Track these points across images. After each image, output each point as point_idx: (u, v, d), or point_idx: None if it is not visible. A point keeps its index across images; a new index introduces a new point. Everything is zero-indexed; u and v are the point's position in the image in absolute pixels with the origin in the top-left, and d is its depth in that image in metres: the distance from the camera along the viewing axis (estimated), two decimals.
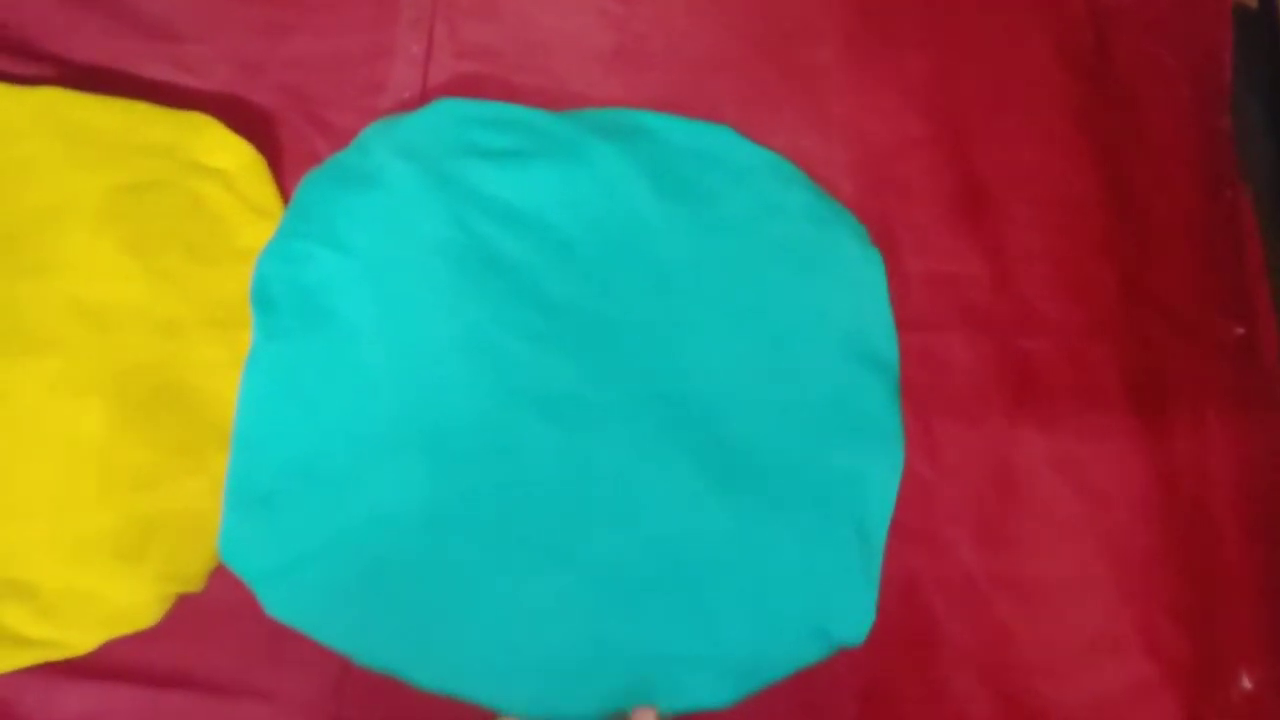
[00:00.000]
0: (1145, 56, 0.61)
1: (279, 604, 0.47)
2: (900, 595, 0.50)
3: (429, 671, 0.47)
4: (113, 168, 0.52)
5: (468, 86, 0.58)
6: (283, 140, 0.56)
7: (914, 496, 0.51)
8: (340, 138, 0.56)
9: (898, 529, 0.50)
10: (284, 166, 0.56)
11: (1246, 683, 0.50)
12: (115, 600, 0.47)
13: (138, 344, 0.49)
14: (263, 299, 0.50)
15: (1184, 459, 0.53)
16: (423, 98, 0.57)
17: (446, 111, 0.54)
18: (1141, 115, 0.60)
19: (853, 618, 0.48)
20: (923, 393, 0.53)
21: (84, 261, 0.50)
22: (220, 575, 0.48)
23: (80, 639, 0.46)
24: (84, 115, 0.53)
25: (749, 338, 0.51)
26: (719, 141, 0.55)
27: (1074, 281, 0.56)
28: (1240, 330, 0.55)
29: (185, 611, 0.48)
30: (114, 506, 0.47)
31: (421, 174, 0.52)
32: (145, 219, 0.51)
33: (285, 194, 0.55)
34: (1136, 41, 0.61)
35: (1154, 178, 0.59)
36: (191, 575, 0.48)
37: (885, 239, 0.55)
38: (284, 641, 0.48)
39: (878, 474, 0.50)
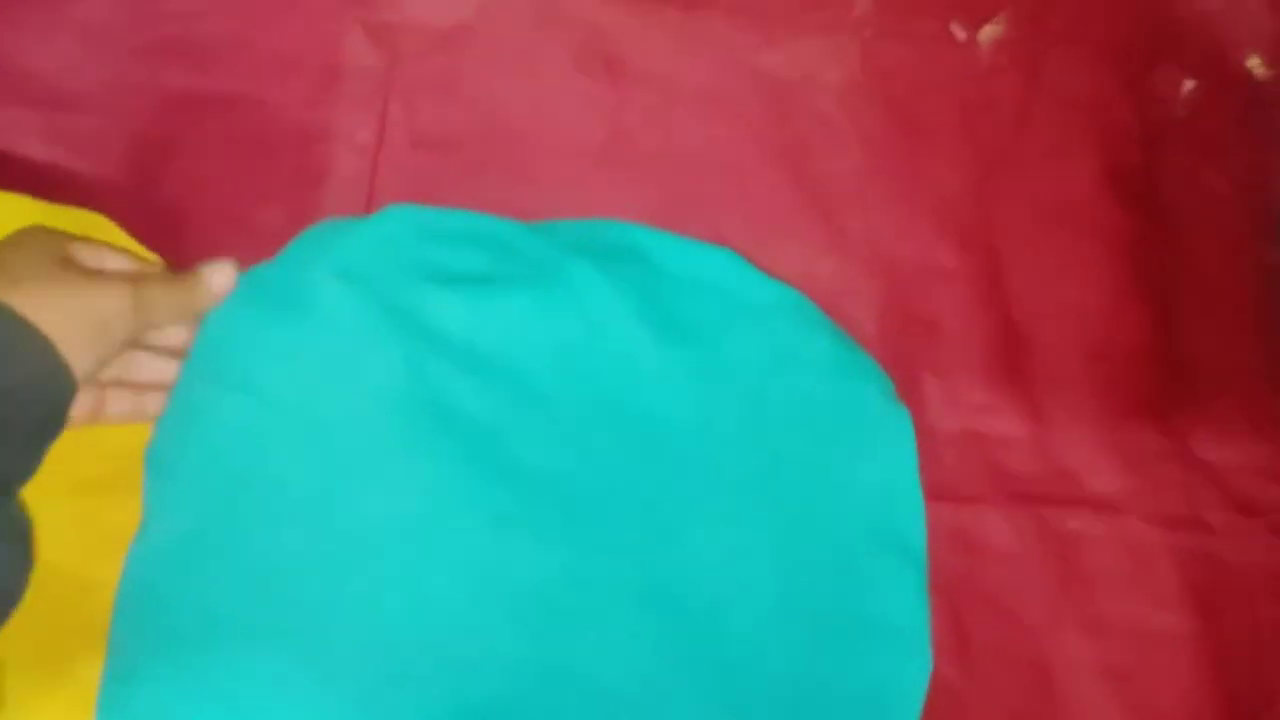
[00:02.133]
0: (1196, 179, 0.54)
1: None
2: None
3: None
4: None
5: (425, 184, 0.48)
6: (190, 244, 0.46)
7: (942, 708, 0.43)
8: (264, 242, 0.45)
9: None
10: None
11: None
12: None
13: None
14: (158, 461, 0.40)
15: (1244, 669, 0.46)
16: (370, 196, 0.48)
17: (399, 221, 0.44)
18: (1190, 245, 0.54)
19: None
20: (953, 579, 0.45)
21: None
22: None
23: None
24: None
25: (759, 521, 0.43)
26: (724, 270, 0.46)
27: (1121, 447, 0.49)
28: None
29: None
30: None
31: (366, 303, 0.42)
32: None
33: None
34: (1188, 162, 0.54)
35: (1204, 321, 0.52)
36: None
37: (911, 389, 0.48)
38: None
39: (902, 687, 0.42)
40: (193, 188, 0.47)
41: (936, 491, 0.46)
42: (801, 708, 0.41)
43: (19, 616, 0.37)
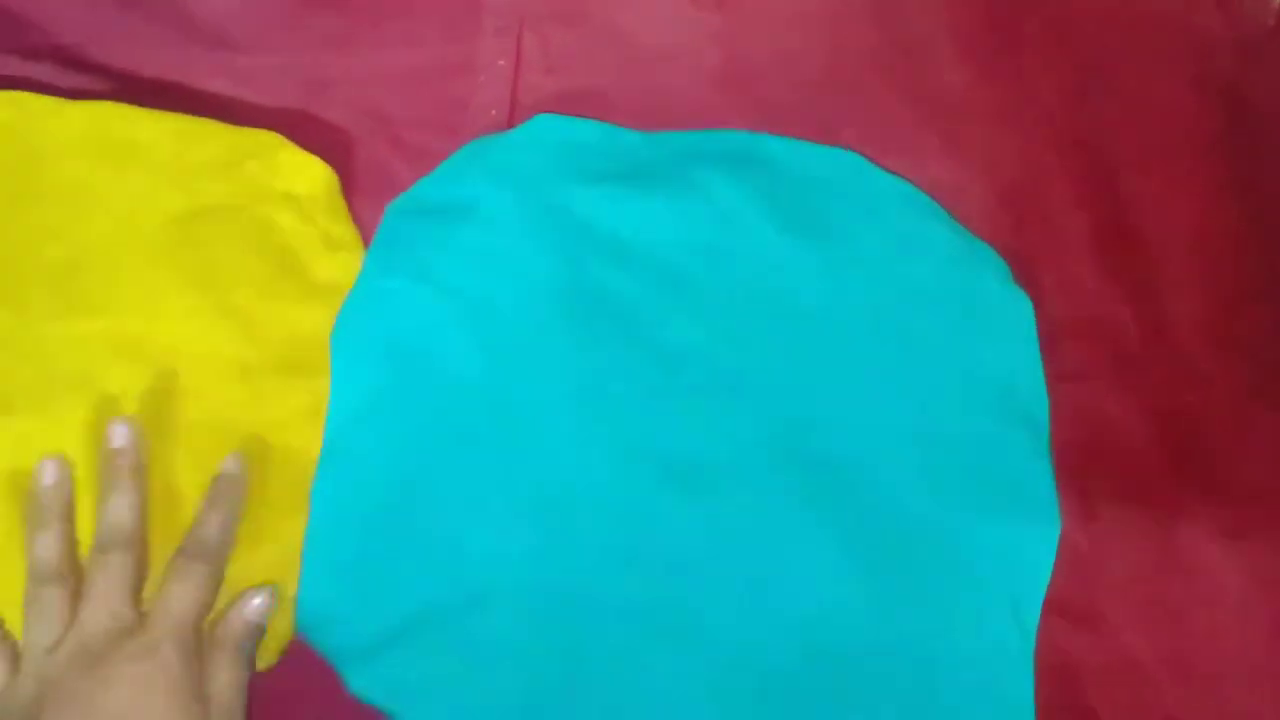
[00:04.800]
0: None
1: (364, 683, 0.41)
2: (1056, 681, 0.44)
3: None
4: (172, 191, 0.47)
5: (561, 105, 0.52)
6: (356, 163, 0.51)
7: (1071, 571, 0.45)
8: (422, 161, 0.50)
9: (1053, 607, 0.45)
10: (358, 193, 0.50)
11: None
12: None
13: (202, 393, 0.44)
14: (344, 342, 0.44)
15: None
16: (512, 117, 0.52)
17: (546, 131, 0.49)
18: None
19: (1008, 707, 0.42)
20: (1076, 453, 0.47)
21: (143, 298, 0.44)
22: (296, 651, 0.42)
23: None
24: (138, 132, 0.48)
25: (890, 392, 0.46)
26: (845, 169, 0.50)
27: (1231, 332, 0.50)
28: None
29: (255, 691, 0.42)
30: None
31: (522, 203, 0.46)
32: (209, 250, 0.46)
33: (360, 223, 0.49)
34: (1277, 71, 0.56)
35: None
36: (263, 651, 0.42)
37: (1028, 280, 0.50)
38: None
39: (1032, 546, 0.45)
40: (356, 114, 0.51)
41: (1056, 375, 0.48)
42: (939, 560, 0.43)
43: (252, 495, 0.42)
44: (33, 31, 0.52)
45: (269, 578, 0.42)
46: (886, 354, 0.46)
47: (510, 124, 0.52)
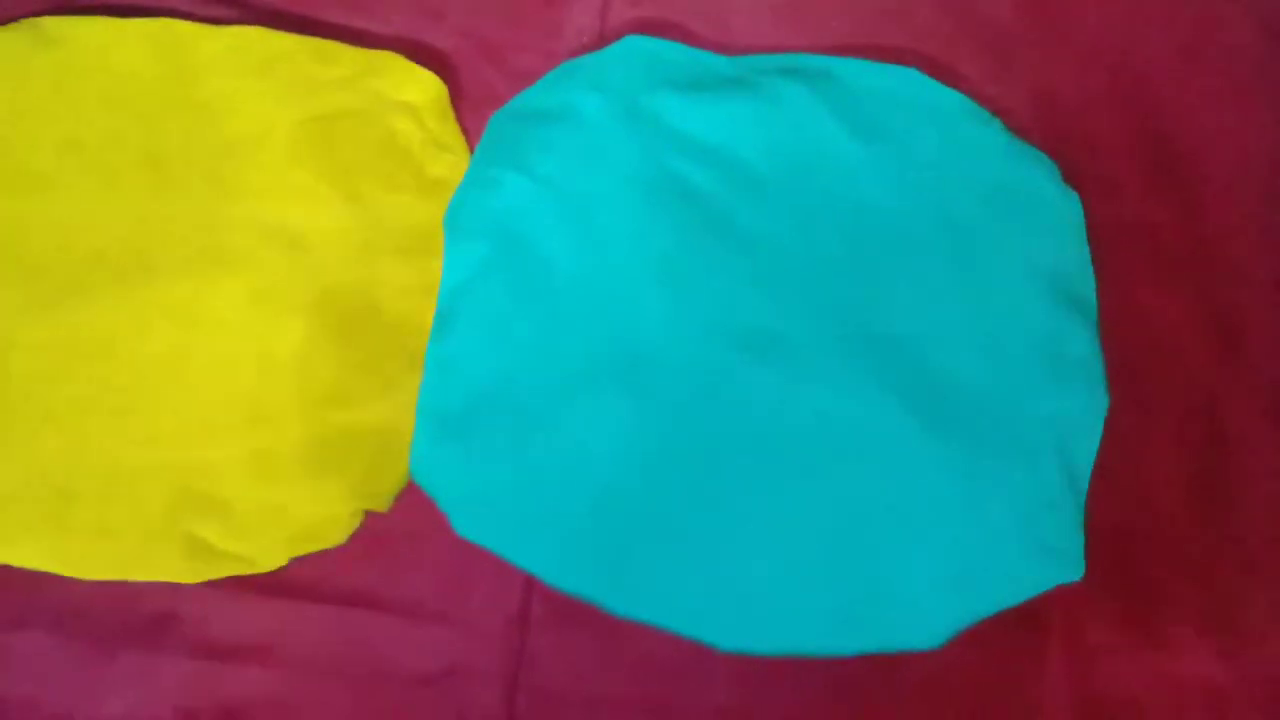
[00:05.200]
0: None
1: (469, 525, 0.46)
2: (1108, 544, 0.48)
3: (623, 598, 0.45)
4: (305, 100, 0.53)
5: (642, 31, 0.58)
6: (462, 80, 0.56)
7: (1120, 441, 0.49)
8: (520, 79, 0.56)
9: (1103, 475, 0.48)
10: (464, 105, 0.56)
11: None
12: (304, 517, 0.46)
13: (333, 267, 0.49)
14: (455, 225, 0.50)
15: None
16: (600, 42, 0.58)
17: (635, 49, 0.54)
18: None
19: (1064, 556, 0.46)
20: (1123, 339, 0.51)
21: (280, 188, 0.51)
22: (408, 496, 0.48)
23: (268, 555, 0.46)
24: (275, 52, 0.54)
25: (949, 276, 0.50)
26: (906, 83, 0.54)
27: (1275, 243, 0.53)
28: None
29: (371, 532, 0.48)
30: (307, 423, 0.47)
31: (613, 107, 0.52)
32: (338, 148, 0.52)
33: (466, 131, 0.55)
34: None
35: None
36: (380, 494, 0.47)
37: (1075, 186, 0.54)
38: (469, 565, 0.47)
39: (1083, 416, 0.48)
40: (461, 39, 0.57)
41: (1102, 269, 0.52)
42: (996, 426, 0.47)
43: (364, 338, 0.48)
44: None
45: (388, 429, 0.47)
46: (945, 243, 0.50)
47: (598, 48, 0.57)
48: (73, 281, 0.48)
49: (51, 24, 0.54)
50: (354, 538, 0.47)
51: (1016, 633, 0.47)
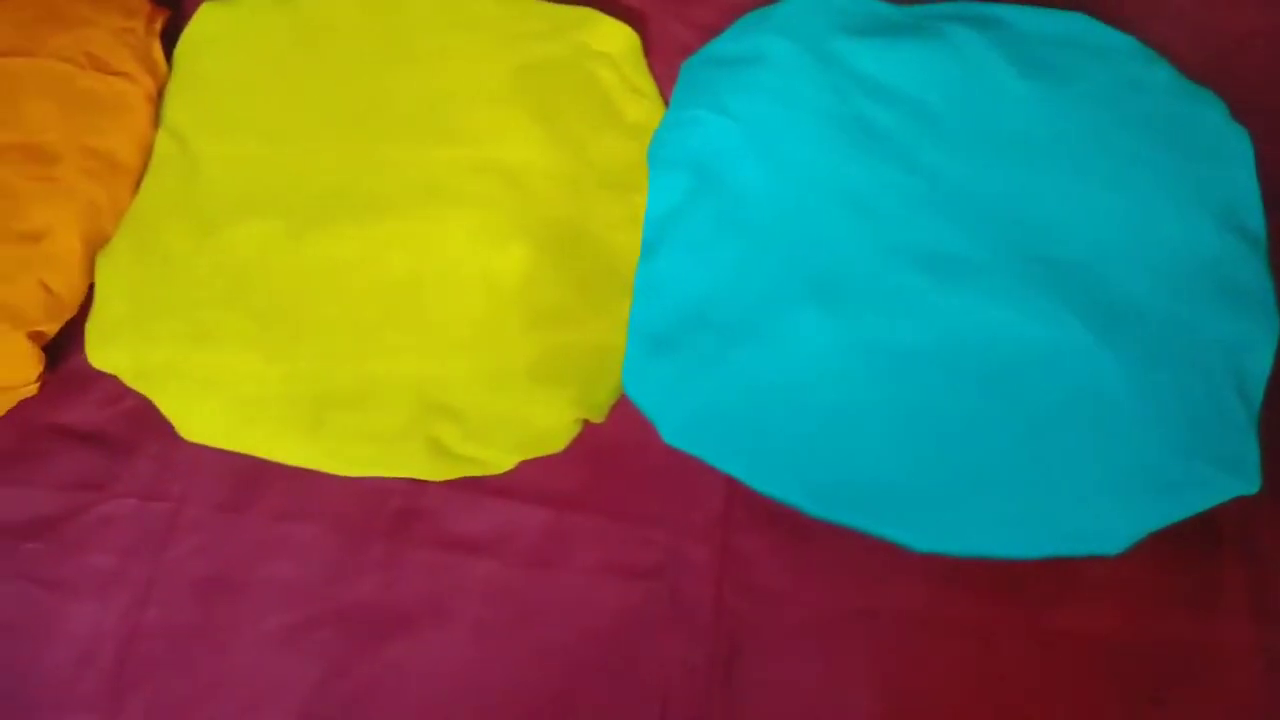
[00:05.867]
0: None
1: (676, 434, 0.50)
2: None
3: (820, 501, 0.49)
4: (513, 51, 0.58)
5: None
6: (651, 33, 0.61)
7: None
8: (701, 30, 0.60)
9: (1277, 395, 0.50)
10: (653, 55, 0.60)
11: None
12: (531, 424, 0.51)
13: (548, 200, 0.54)
14: (659, 160, 0.54)
15: None
16: None
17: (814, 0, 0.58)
18: None
19: (1240, 468, 0.48)
20: None
21: (496, 129, 0.56)
22: (621, 407, 0.52)
23: (499, 459, 0.51)
24: (484, 8, 0.59)
25: (1121, 205, 0.52)
26: (1074, 26, 0.57)
27: None
28: None
29: (589, 440, 0.52)
30: (533, 340, 0.52)
31: (800, 51, 0.56)
32: (547, 94, 0.57)
33: (656, 77, 0.59)
34: None
35: None
36: (597, 405, 0.52)
37: (1243, 122, 0.56)
38: (676, 471, 0.52)
39: (1256, 337, 0.51)
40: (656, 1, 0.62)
41: (1270, 203, 0.54)
42: (1171, 344, 0.50)
43: (579, 263, 0.53)
44: None
45: (603, 346, 0.52)
46: (1116, 174, 0.53)
47: (773, 2, 0.61)
48: (317, 215, 0.54)
49: None
50: (573, 445, 0.52)
51: (1193, 542, 0.50)
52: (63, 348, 0.54)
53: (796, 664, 0.48)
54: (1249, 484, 0.48)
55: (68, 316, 0.53)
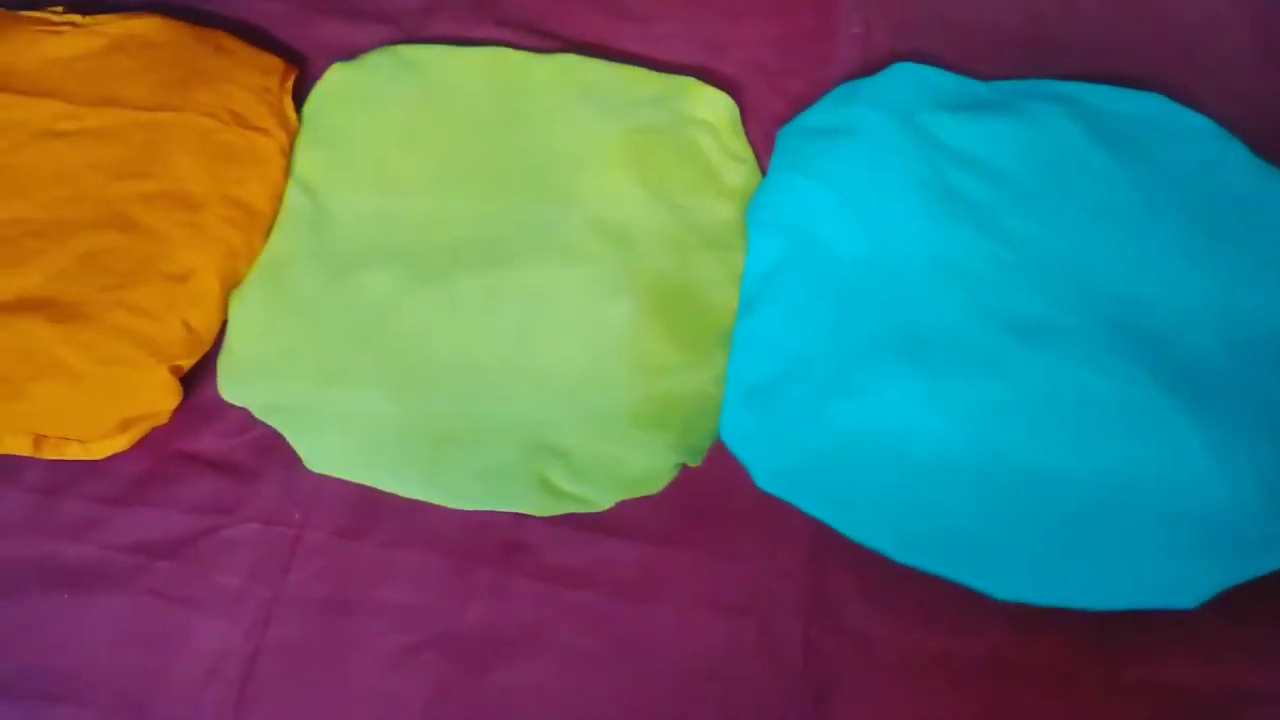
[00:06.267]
0: None
1: (769, 480, 0.54)
2: None
3: (907, 547, 0.52)
4: (623, 117, 0.62)
5: (901, 62, 0.65)
6: (747, 102, 0.65)
7: None
8: (797, 101, 0.64)
9: None
10: (750, 122, 0.64)
11: None
12: (632, 466, 0.54)
13: (653, 258, 0.58)
14: (757, 223, 0.58)
15: None
16: (863, 71, 0.65)
17: (904, 74, 0.62)
18: None
19: None
20: None
21: (606, 190, 0.60)
22: (715, 452, 0.55)
23: (601, 497, 0.54)
24: (593, 76, 0.64)
25: (1197, 276, 0.56)
26: (1151, 106, 0.61)
27: None
28: None
29: (685, 482, 0.55)
30: (636, 387, 0.55)
31: (891, 123, 0.59)
32: (653, 158, 0.61)
33: (752, 144, 0.63)
34: None
35: None
36: (694, 450, 0.55)
37: None
38: (767, 514, 0.54)
39: None
40: (744, 68, 0.66)
41: None
42: (1244, 409, 0.52)
43: (681, 318, 0.57)
44: (503, 7, 0.69)
45: (702, 395, 0.55)
46: (1193, 247, 0.56)
47: (863, 77, 0.65)
48: (438, 265, 0.58)
49: (407, 51, 0.65)
50: (670, 486, 0.55)
51: (1263, 599, 0.52)
52: (193, 380, 0.58)
53: (883, 705, 0.51)
54: None
55: (203, 352, 0.57)
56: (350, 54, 0.67)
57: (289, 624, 0.53)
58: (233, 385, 0.57)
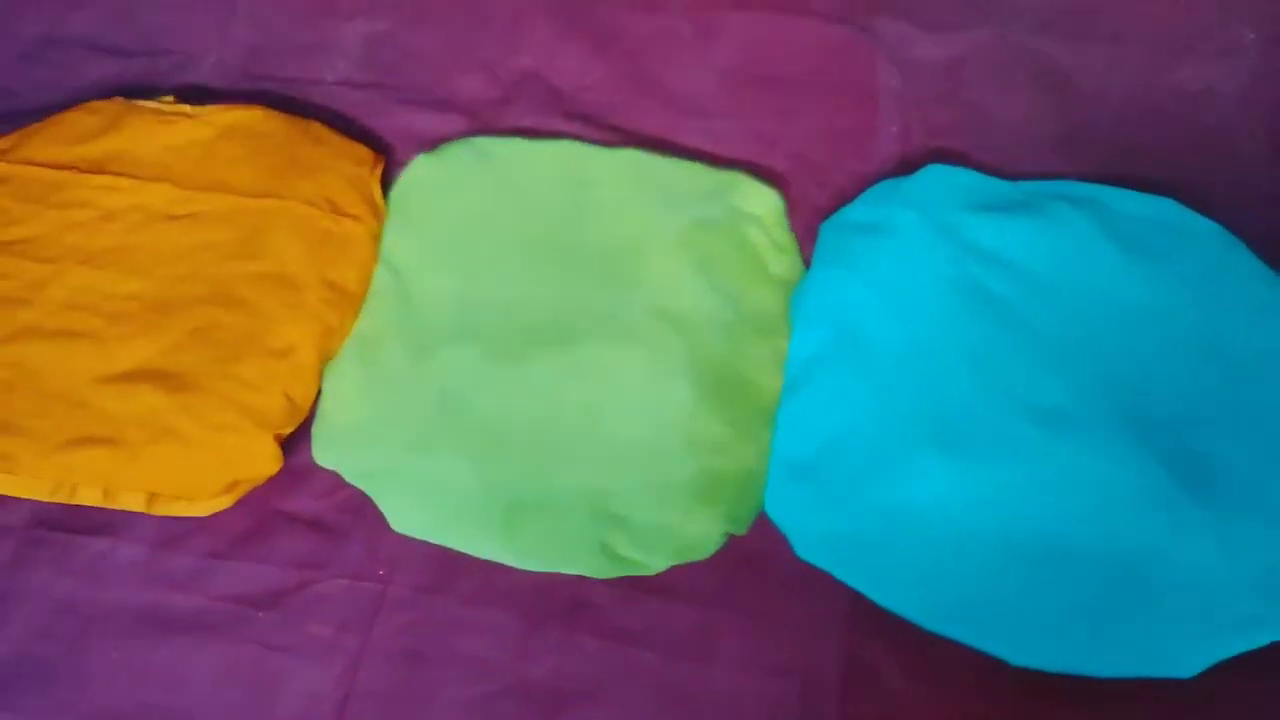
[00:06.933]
0: None
1: (809, 550, 0.59)
2: None
3: (935, 616, 0.57)
4: (680, 209, 0.68)
5: (936, 159, 0.71)
6: (792, 195, 0.71)
7: None
8: (838, 196, 0.70)
9: None
10: (794, 215, 0.70)
11: None
12: (687, 535, 0.60)
13: (708, 343, 0.64)
14: (801, 312, 0.64)
15: None
16: (901, 168, 0.71)
17: (937, 175, 0.68)
18: None
19: None
20: None
21: (666, 278, 0.66)
22: (760, 523, 0.61)
23: (656, 562, 0.60)
24: (656, 170, 0.70)
25: (1203, 370, 0.61)
26: (1165, 210, 0.66)
27: None
28: None
29: (732, 550, 0.61)
30: (691, 463, 0.61)
31: (924, 222, 0.65)
32: (707, 248, 0.67)
33: (797, 236, 0.69)
34: None
35: None
36: (742, 520, 0.61)
37: None
38: (806, 581, 0.60)
39: None
40: (792, 162, 0.72)
41: None
42: (1249, 495, 0.58)
43: (732, 399, 0.62)
44: (567, 101, 0.76)
45: (750, 471, 0.61)
46: (1203, 345, 0.61)
47: (900, 172, 0.71)
48: (514, 344, 0.64)
49: (484, 143, 0.71)
50: (719, 553, 0.61)
51: (1258, 671, 0.57)
52: (289, 444, 0.64)
53: None
54: None
55: (301, 421, 0.63)
56: (430, 143, 0.73)
57: (376, 672, 0.58)
58: (326, 451, 0.63)
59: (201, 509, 0.61)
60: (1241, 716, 0.57)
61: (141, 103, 0.72)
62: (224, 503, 0.61)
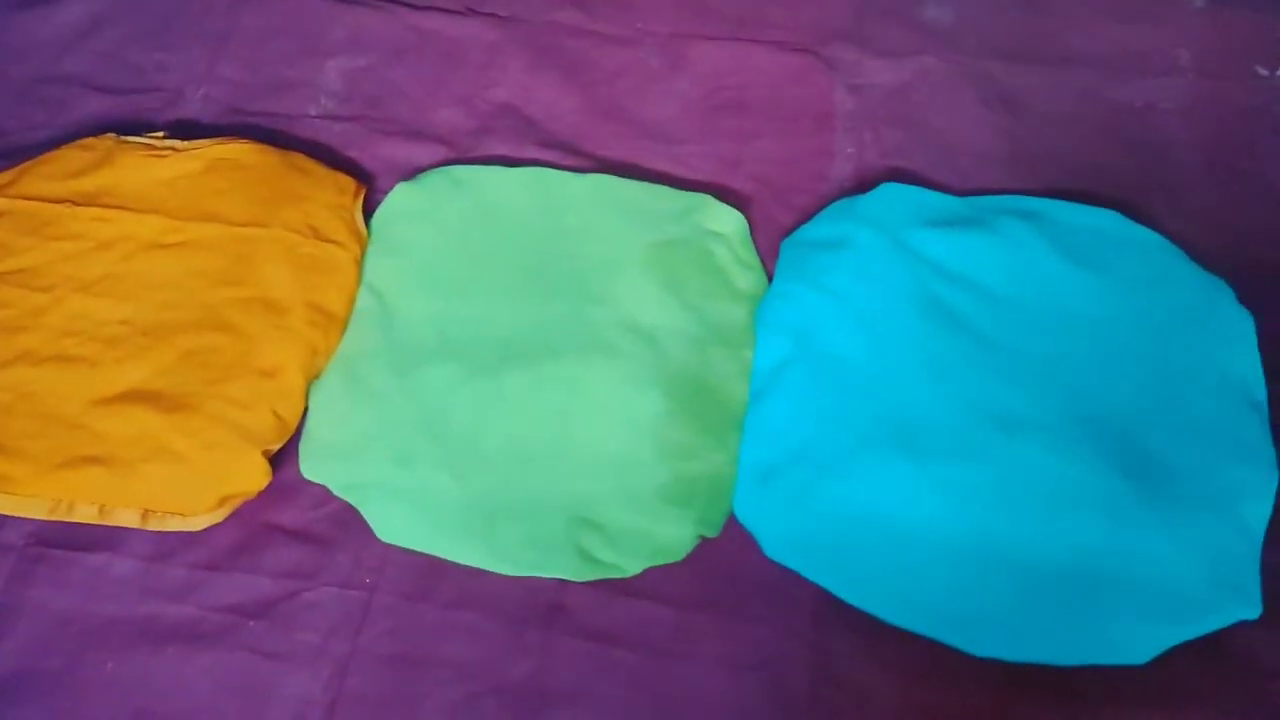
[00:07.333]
0: None
1: (776, 550, 0.62)
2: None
3: (897, 611, 0.60)
4: (649, 229, 0.72)
5: (891, 179, 0.75)
6: (755, 214, 0.74)
7: None
8: (799, 214, 0.74)
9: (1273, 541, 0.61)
10: (758, 233, 0.74)
11: None
12: (660, 538, 0.63)
13: (676, 355, 0.67)
14: (764, 325, 0.67)
15: None
16: (858, 186, 0.75)
17: (892, 193, 0.72)
18: None
19: (1244, 597, 0.59)
20: None
21: (635, 295, 0.69)
22: (730, 526, 0.64)
23: (631, 565, 0.62)
24: (625, 193, 0.73)
25: (1148, 374, 0.64)
26: (1108, 222, 0.70)
27: None
28: None
29: (704, 552, 0.64)
30: (663, 469, 0.64)
31: (880, 238, 0.69)
32: (675, 266, 0.70)
33: (760, 253, 0.73)
34: None
35: None
36: (713, 524, 0.64)
37: (1249, 306, 0.68)
38: (775, 580, 0.63)
39: (1259, 486, 0.61)
40: (754, 183, 0.75)
41: (1273, 374, 0.66)
42: (1185, 488, 0.61)
43: (701, 408, 0.65)
44: (540, 130, 0.79)
45: (719, 476, 0.64)
46: (1145, 349, 0.65)
47: (857, 191, 0.75)
48: (491, 360, 0.67)
49: (460, 171, 0.75)
50: (692, 555, 0.63)
51: (1204, 655, 0.60)
52: (277, 460, 0.67)
53: None
54: (1251, 610, 0.59)
55: (289, 438, 0.66)
56: (410, 172, 0.77)
57: (363, 676, 0.61)
58: (313, 465, 0.65)
59: (194, 524, 0.63)
60: (1195, 699, 0.59)
61: (132, 138, 0.75)
62: (216, 517, 0.64)
